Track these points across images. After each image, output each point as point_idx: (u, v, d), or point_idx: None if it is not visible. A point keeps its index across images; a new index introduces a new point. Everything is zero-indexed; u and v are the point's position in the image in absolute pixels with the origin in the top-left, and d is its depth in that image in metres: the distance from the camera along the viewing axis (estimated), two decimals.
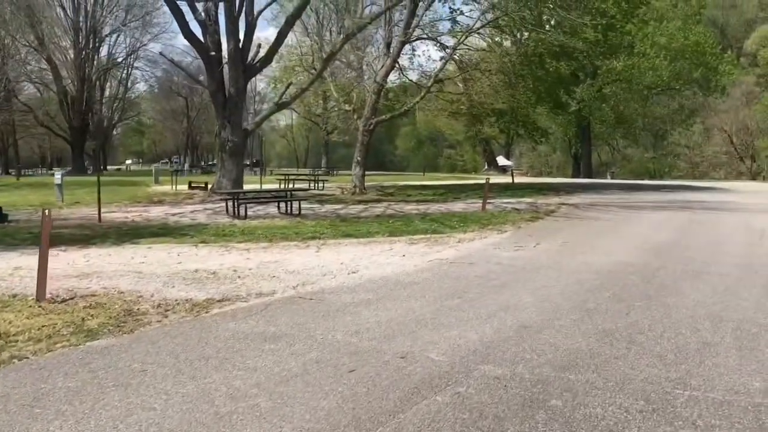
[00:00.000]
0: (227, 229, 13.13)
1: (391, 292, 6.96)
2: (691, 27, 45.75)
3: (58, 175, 20.61)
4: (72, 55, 56.05)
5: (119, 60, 62.42)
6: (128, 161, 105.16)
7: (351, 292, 6.98)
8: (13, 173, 48.93)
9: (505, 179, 40.86)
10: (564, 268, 8.48)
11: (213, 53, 20.55)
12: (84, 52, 53.79)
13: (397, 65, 26.31)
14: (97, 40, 57.90)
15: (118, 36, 61.84)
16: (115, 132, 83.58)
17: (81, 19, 55.42)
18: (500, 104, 27.74)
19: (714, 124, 54.85)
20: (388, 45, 26.23)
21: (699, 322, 5.68)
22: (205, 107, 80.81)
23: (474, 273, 8.13)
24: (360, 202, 21.92)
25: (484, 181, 20.22)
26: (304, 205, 19.97)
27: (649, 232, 12.78)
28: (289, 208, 17.04)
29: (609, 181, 44.62)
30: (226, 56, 21.12)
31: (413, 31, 24.95)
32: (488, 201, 19.89)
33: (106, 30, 58.95)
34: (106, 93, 66.89)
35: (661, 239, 11.56)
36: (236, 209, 15.97)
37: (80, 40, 54.84)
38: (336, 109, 33.48)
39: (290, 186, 28.56)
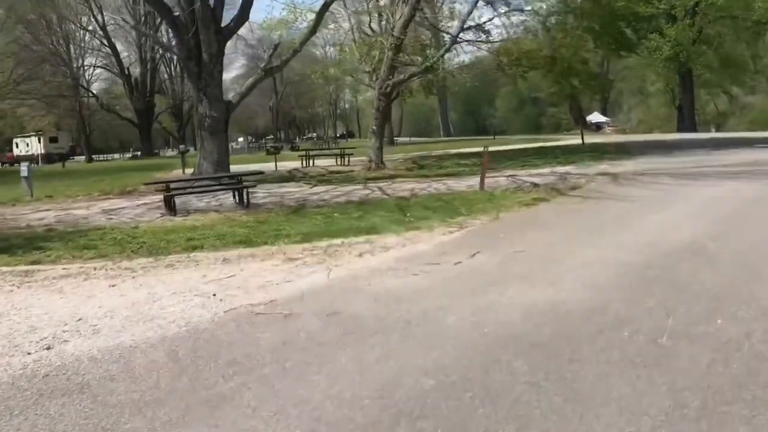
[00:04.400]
0: (125, 235, 9.99)
1: None
2: None
3: (24, 168, 18.27)
4: (134, 36, 55.09)
5: None
6: (240, 139, 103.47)
7: None
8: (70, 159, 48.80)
9: (591, 139, 35.75)
10: (441, 324, 4.70)
11: (177, 14, 17.31)
12: (144, 31, 52.03)
13: (419, 15, 22.13)
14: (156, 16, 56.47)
15: None
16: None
17: None
18: (546, 52, 22.87)
19: None
20: None
21: None
22: (295, 82, 78.99)
23: (243, 351, 4.47)
24: (368, 180, 18.49)
25: (558, 144, 16.29)
26: (290, 188, 16.89)
27: (676, 223, 8.42)
28: (242, 198, 13.71)
29: (705, 136, 37.93)
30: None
31: None
32: (509, 174, 15.91)
33: None
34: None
35: (684, 240, 7.23)
36: (170, 203, 12.86)
37: (139, 18, 53.38)
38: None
39: (307, 164, 25.48)
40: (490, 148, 33.96)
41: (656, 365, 3.70)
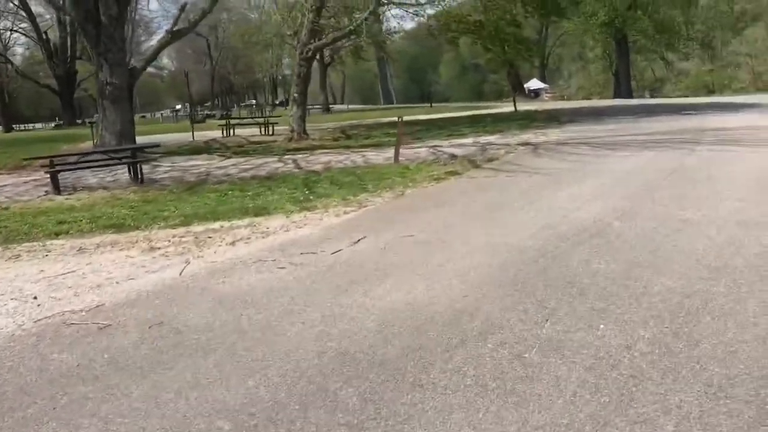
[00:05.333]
0: None
1: None
2: None
3: None
4: None
5: None
6: (177, 107, 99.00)
7: None
8: None
9: (525, 106, 35.39)
10: (280, 336, 3.95)
11: None
12: None
13: None
14: None
15: None
16: None
17: None
18: (474, 17, 22.05)
19: None
20: None
21: None
22: (231, 47, 75.89)
23: (20, 381, 3.63)
24: (287, 151, 17.56)
25: (490, 112, 15.57)
26: (199, 161, 15.83)
27: (584, 199, 7.82)
28: (137, 174, 12.57)
29: (638, 102, 38.05)
30: None
31: None
32: (433, 145, 15.26)
33: None
34: None
35: (587, 219, 6.62)
36: (55, 180, 11.65)
37: None
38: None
39: (228, 134, 24.25)
40: (424, 117, 33.32)
41: (512, 393, 3.00)
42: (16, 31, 53.96)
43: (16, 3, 49.67)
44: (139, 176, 12.16)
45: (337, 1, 24.44)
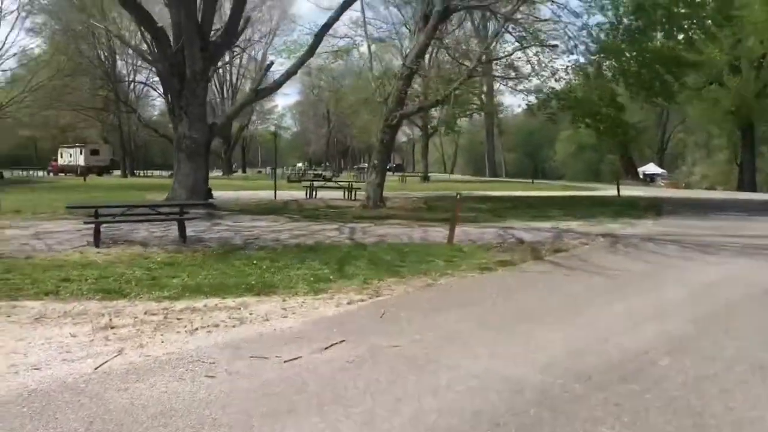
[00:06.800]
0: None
1: None
2: None
3: None
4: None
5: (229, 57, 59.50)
6: (299, 164, 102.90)
7: None
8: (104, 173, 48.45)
9: (632, 191, 33.17)
10: None
11: (160, 25, 16.03)
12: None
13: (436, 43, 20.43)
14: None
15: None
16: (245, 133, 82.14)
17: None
18: (576, 93, 20.70)
19: None
20: (425, 18, 20.32)
21: None
22: (354, 110, 78.12)
23: None
24: (355, 218, 16.80)
25: (591, 195, 14.45)
26: (261, 222, 15.30)
27: (640, 316, 6.28)
28: (182, 231, 12.08)
29: (760, 198, 34.42)
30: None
31: None
32: (506, 226, 14.01)
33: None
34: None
35: (631, 349, 5.16)
36: (95, 231, 11.34)
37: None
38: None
39: (310, 196, 23.92)
40: (519, 194, 31.83)
41: None
42: (147, 84, 57.59)
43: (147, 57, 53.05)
44: (184, 235, 11.61)
45: (434, 70, 23.93)
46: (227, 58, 44.62)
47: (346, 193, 24.48)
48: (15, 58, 45.33)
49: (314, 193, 24.35)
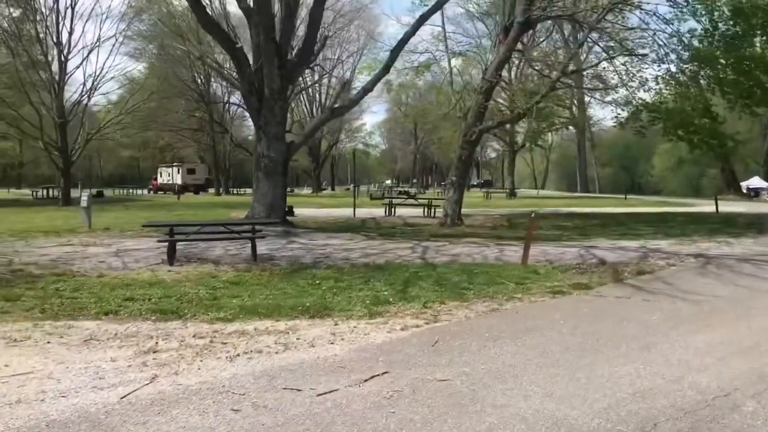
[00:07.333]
0: (73, 286, 8.88)
1: None
2: None
3: (84, 198, 18.04)
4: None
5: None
6: (387, 181, 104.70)
7: None
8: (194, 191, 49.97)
9: (733, 207, 31.09)
10: None
11: (239, 45, 16.35)
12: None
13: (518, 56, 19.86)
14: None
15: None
16: (334, 151, 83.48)
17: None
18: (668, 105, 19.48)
19: None
20: (506, 30, 19.80)
21: None
22: (435, 126, 77.71)
23: None
24: (432, 237, 16.47)
25: (687, 211, 13.73)
26: (335, 240, 15.18)
27: (726, 350, 5.58)
28: (254, 250, 12.14)
29: None
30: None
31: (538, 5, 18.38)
32: (589, 245, 13.31)
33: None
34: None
35: (711, 389, 4.58)
36: (169, 249, 11.56)
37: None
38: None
39: (389, 213, 23.72)
40: (610, 210, 30.38)
41: None
42: (240, 106, 59.47)
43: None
44: (255, 253, 11.64)
45: (517, 84, 23.28)
46: (312, 78, 45.18)
47: (426, 210, 24.15)
48: (114, 81, 47.89)
49: (393, 210, 24.15)
